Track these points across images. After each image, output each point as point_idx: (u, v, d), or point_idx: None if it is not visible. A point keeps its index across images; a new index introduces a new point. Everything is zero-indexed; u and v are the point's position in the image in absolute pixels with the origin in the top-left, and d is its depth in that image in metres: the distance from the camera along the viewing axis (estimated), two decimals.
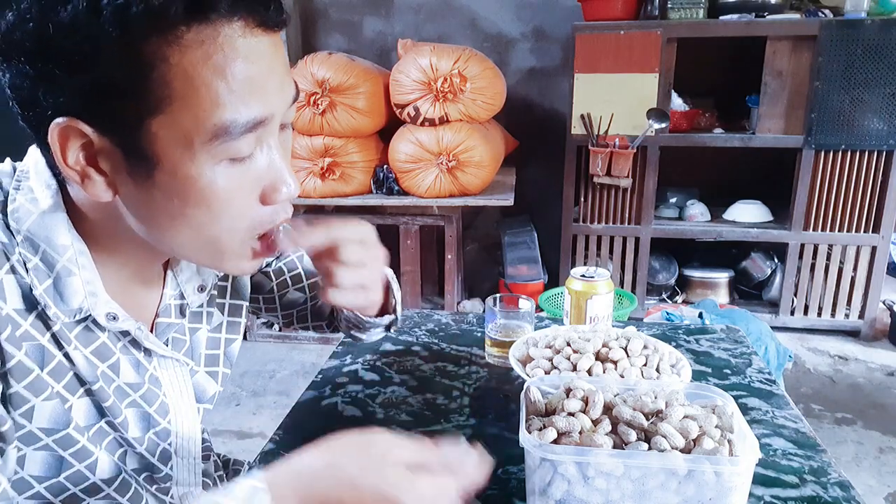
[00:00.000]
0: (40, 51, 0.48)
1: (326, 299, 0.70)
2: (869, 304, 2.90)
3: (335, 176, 2.70)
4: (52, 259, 0.56)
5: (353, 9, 3.41)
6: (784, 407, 0.92)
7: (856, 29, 2.57)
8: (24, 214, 0.56)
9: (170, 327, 0.70)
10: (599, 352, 0.88)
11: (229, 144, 0.52)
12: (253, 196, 0.57)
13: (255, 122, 0.53)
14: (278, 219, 0.60)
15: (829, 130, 2.69)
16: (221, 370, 0.77)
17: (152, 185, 0.53)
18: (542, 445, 0.63)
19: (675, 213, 3.13)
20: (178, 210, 0.54)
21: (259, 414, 2.46)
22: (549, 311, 2.54)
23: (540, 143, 3.32)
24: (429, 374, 1.03)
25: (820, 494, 0.73)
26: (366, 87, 2.61)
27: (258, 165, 0.56)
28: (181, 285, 0.70)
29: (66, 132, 0.51)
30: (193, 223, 0.55)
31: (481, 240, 3.54)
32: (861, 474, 2.03)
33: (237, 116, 0.51)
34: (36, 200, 0.57)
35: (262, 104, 0.53)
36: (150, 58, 0.48)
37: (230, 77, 0.50)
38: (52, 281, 0.57)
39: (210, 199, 0.54)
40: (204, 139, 0.51)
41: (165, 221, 0.55)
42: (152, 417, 0.66)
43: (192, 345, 0.73)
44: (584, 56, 2.77)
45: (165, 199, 0.53)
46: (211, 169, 0.53)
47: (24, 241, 0.56)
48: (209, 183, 0.53)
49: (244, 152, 0.54)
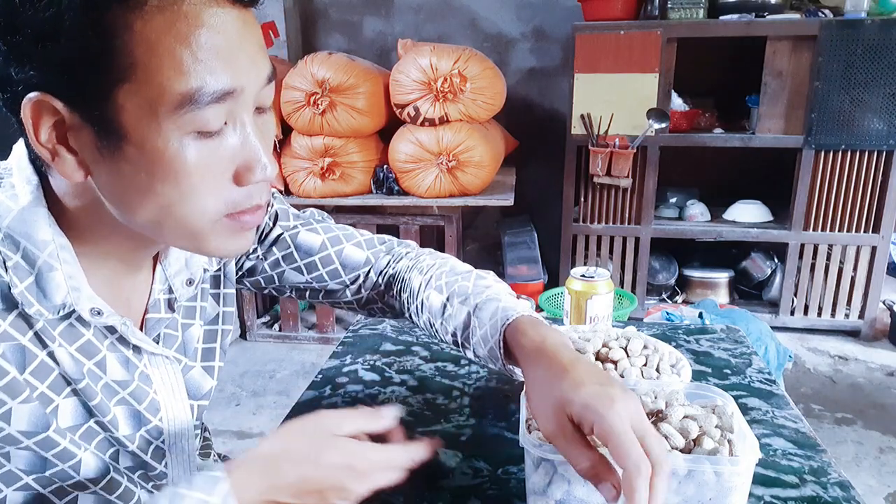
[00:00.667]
0: (7, 24, 0.48)
1: None
2: (869, 304, 2.90)
3: (335, 176, 2.70)
4: (32, 255, 0.56)
5: (353, 9, 3.41)
6: (784, 407, 0.92)
7: (856, 29, 2.57)
8: (3, 211, 0.56)
9: (160, 322, 0.69)
10: (599, 352, 0.88)
11: (195, 114, 0.51)
12: (225, 175, 0.56)
13: (222, 93, 0.52)
14: (253, 201, 0.58)
15: (829, 130, 2.69)
16: (217, 364, 0.76)
17: (121, 159, 0.52)
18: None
19: (675, 213, 3.13)
20: (146, 185, 0.53)
21: (259, 414, 2.46)
22: (549, 311, 2.54)
23: (540, 143, 3.32)
24: (429, 374, 1.03)
25: (820, 494, 0.73)
26: (366, 87, 2.61)
27: (230, 143, 0.55)
28: (169, 279, 0.70)
29: (38, 108, 0.51)
30: (162, 200, 0.54)
31: (481, 240, 3.54)
32: (861, 474, 2.03)
33: (202, 85, 0.51)
34: (16, 196, 0.57)
35: (229, 75, 0.52)
36: (113, 26, 0.48)
37: (194, 45, 0.50)
38: (33, 278, 0.56)
39: (178, 173, 0.53)
40: (169, 108, 0.50)
41: (136, 199, 0.54)
42: (143, 415, 0.66)
43: (184, 341, 0.72)
44: (584, 56, 2.77)
45: (134, 173, 0.53)
46: (178, 141, 0.52)
47: (5, 239, 0.55)
48: (176, 156, 0.52)
49: (212, 125, 0.53)
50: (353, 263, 0.87)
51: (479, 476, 0.77)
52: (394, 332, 1.18)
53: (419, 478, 0.75)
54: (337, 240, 0.86)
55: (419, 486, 0.75)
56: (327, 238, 0.86)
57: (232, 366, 2.80)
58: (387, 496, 0.73)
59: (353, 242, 0.87)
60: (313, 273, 0.85)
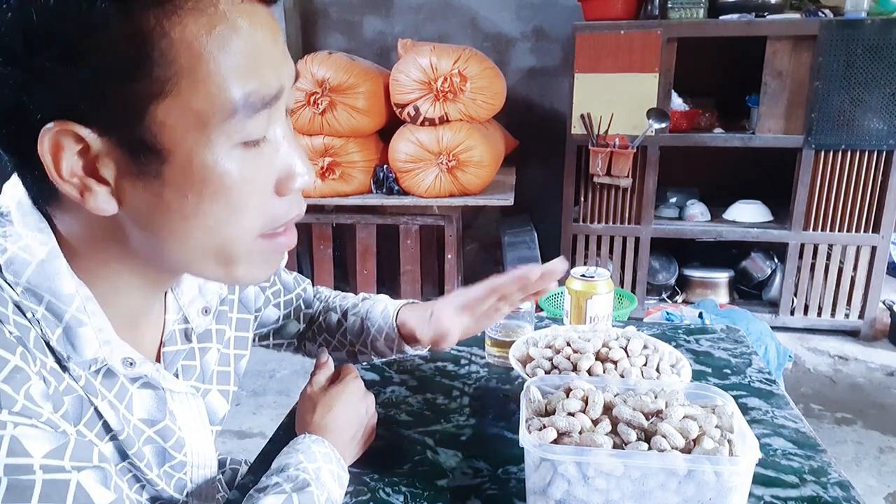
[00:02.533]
0: (25, 44, 0.43)
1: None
2: (869, 304, 2.90)
3: (335, 176, 2.70)
4: (58, 310, 0.52)
5: (353, 8, 3.41)
6: (784, 407, 0.92)
7: (856, 29, 2.56)
8: (19, 266, 0.51)
9: (177, 355, 0.67)
10: (599, 352, 0.88)
11: (245, 123, 0.48)
12: (269, 186, 0.52)
13: (271, 97, 0.49)
14: (292, 213, 0.55)
15: (829, 130, 2.69)
16: (231, 388, 0.75)
17: (162, 184, 0.48)
18: (542, 445, 0.63)
19: (675, 213, 3.13)
20: (192, 209, 0.49)
21: (259, 414, 2.45)
22: (549, 311, 2.54)
23: (540, 143, 3.32)
24: (429, 374, 1.03)
25: (820, 494, 0.73)
26: (366, 86, 2.61)
27: (271, 151, 0.51)
28: (183, 308, 0.67)
29: (59, 139, 0.45)
30: (210, 221, 0.50)
31: (481, 240, 3.54)
32: (861, 474, 2.02)
33: (254, 89, 0.47)
34: (29, 248, 0.51)
35: (275, 76, 0.49)
36: (148, 33, 0.43)
37: (239, 47, 0.46)
38: (61, 331, 0.52)
39: (228, 189, 0.49)
40: (219, 119, 0.46)
41: (178, 225, 0.50)
42: (168, 452, 0.65)
43: (202, 368, 0.70)
44: (584, 56, 2.77)
45: (179, 197, 0.48)
46: (227, 154, 0.48)
47: (25, 293, 0.51)
48: (227, 171, 0.48)
49: (258, 133, 0.49)
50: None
51: (479, 476, 0.77)
52: None
53: (419, 478, 0.75)
54: (299, 278, 0.95)
55: (419, 486, 0.75)
56: (293, 277, 0.93)
57: None
58: (387, 496, 0.73)
59: (305, 283, 0.96)
60: (287, 310, 0.92)
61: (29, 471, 0.45)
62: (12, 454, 0.44)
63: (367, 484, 0.75)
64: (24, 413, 0.46)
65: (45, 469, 0.45)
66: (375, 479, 0.76)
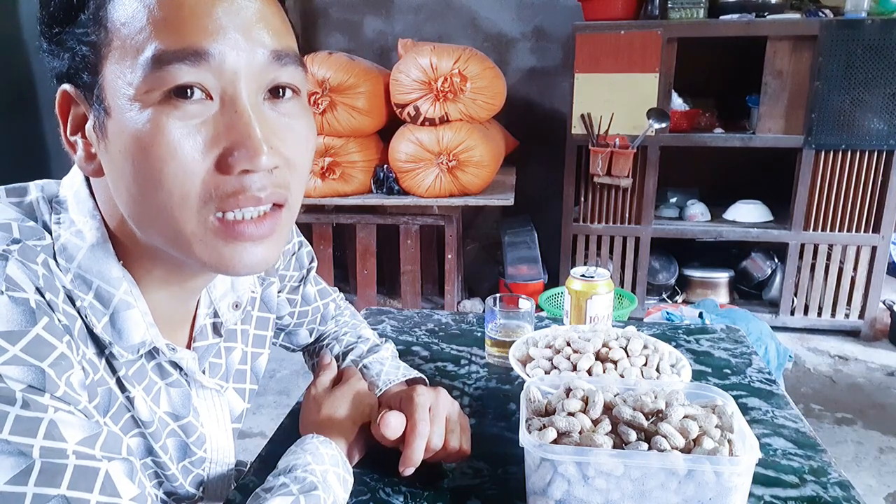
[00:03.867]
0: (48, 15, 0.50)
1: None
2: (869, 304, 2.90)
3: (335, 175, 2.70)
4: (107, 294, 0.54)
5: (353, 8, 3.41)
6: (784, 407, 0.92)
7: (856, 29, 2.56)
8: (73, 250, 0.53)
9: (208, 350, 0.68)
10: (599, 352, 0.88)
11: (161, 76, 0.47)
12: (206, 155, 0.49)
13: (186, 53, 0.47)
14: (241, 194, 0.50)
15: (829, 130, 2.69)
16: (248, 387, 0.76)
17: (110, 141, 0.50)
18: (542, 445, 0.63)
19: (675, 213, 3.13)
20: (130, 166, 0.49)
21: (259, 414, 2.45)
22: (549, 311, 2.54)
23: (540, 143, 3.32)
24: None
25: (820, 494, 0.73)
26: (366, 86, 2.61)
27: (214, 122, 0.49)
28: (215, 303, 0.68)
29: (64, 101, 0.51)
30: (141, 186, 0.49)
31: (481, 240, 3.53)
32: (861, 474, 2.02)
33: (165, 44, 0.47)
34: (81, 233, 0.54)
35: (199, 36, 0.47)
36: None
37: (166, 3, 0.47)
38: (108, 318, 0.54)
39: (151, 147, 0.48)
40: (139, 73, 0.47)
41: (123, 189, 0.51)
42: (189, 448, 0.65)
43: (227, 367, 0.71)
44: (585, 56, 2.77)
45: (119, 154, 0.49)
46: (153, 112, 0.48)
47: (76, 279, 0.53)
48: (148, 131, 0.48)
49: (179, 85, 0.48)
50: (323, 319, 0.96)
51: (479, 476, 0.77)
52: (394, 332, 1.18)
53: (419, 478, 0.75)
54: (325, 292, 0.95)
55: (419, 486, 0.75)
56: (318, 290, 0.93)
57: None
58: (387, 496, 0.73)
59: (329, 299, 0.96)
60: (300, 319, 0.92)
61: (63, 455, 0.45)
62: (49, 437, 0.45)
63: (367, 484, 0.75)
64: (64, 399, 0.47)
65: (78, 455, 0.46)
66: (375, 479, 0.76)
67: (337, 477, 0.68)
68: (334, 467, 0.69)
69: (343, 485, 0.69)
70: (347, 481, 0.71)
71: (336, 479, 0.68)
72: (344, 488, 0.69)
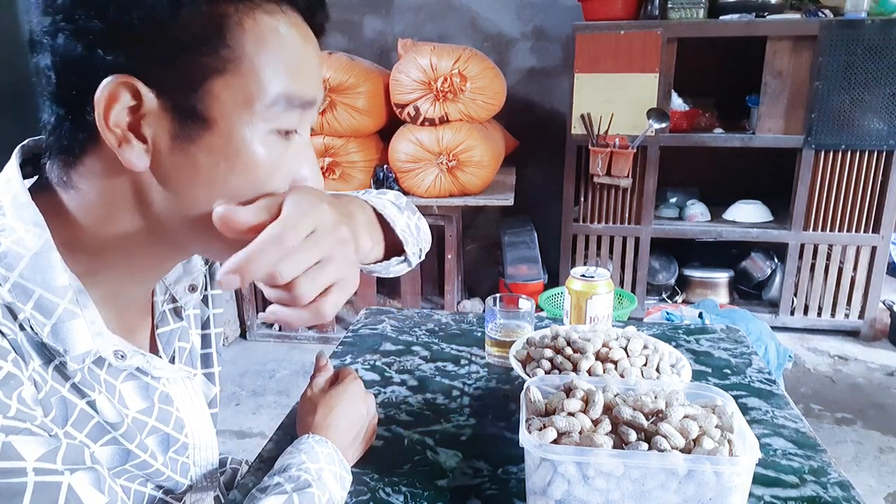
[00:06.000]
0: (117, 4, 0.48)
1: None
2: (869, 304, 2.90)
3: (335, 175, 2.70)
4: (50, 304, 0.52)
5: (353, 8, 3.41)
6: (784, 407, 0.92)
7: (856, 29, 2.57)
8: (13, 259, 0.51)
9: (172, 334, 0.68)
10: (599, 352, 0.88)
11: (283, 115, 0.54)
12: (287, 179, 0.56)
13: (306, 101, 0.55)
14: None
15: (829, 130, 2.69)
16: (216, 369, 0.76)
17: (199, 148, 0.51)
18: (542, 445, 0.63)
19: (675, 213, 3.13)
20: (220, 177, 0.52)
21: (259, 414, 2.45)
22: (549, 311, 2.54)
23: (540, 143, 3.32)
24: (429, 374, 1.03)
25: (820, 494, 0.73)
26: (366, 86, 2.61)
27: (296, 148, 0.57)
28: (170, 288, 0.68)
29: (117, 91, 0.48)
30: (231, 192, 0.53)
31: (481, 240, 3.53)
32: (861, 474, 2.02)
33: (298, 90, 0.54)
34: (22, 241, 0.52)
35: (313, 86, 0.56)
36: (226, 19, 0.50)
37: (293, 51, 0.54)
38: (50, 328, 0.52)
39: (256, 166, 0.53)
40: (264, 104, 0.52)
41: (202, 189, 0.52)
42: (171, 437, 0.65)
43: (191, 350, 0.72)
44: (585, 56, 2.77)
45: (212, 163, 0.52)
46: (262, 137, 0.53)
47: (14, 289, 0.51)
48: (258, 151, 0.53)
49: (291, 126, 0.55)
50: None
51: (479, 476, 0.77)
52: (394, 332, 1.18)
53: (419, 478, 0.75)
54: None
55: (419, 486, 0.75)
56: None
57: (232, 366, 2.80)
58: (387, 496, 0.73)
59: None
60: None
61: (21, 474, 0.45)
62: (6, 458, 0.45)
63: (367, 484, 0.75)
64: (18, 417, 0.47)
65: (38, 472, 0.46)
66: (375, 479, 0.76)
67: (333, 475, 0.69)
68: (330, 465, 0.69)
69: (340, 482, 0.69)
70: (345, 479, 0.71)
71: (332, 476, 0.68)
72: (341, 486, 0.69)
